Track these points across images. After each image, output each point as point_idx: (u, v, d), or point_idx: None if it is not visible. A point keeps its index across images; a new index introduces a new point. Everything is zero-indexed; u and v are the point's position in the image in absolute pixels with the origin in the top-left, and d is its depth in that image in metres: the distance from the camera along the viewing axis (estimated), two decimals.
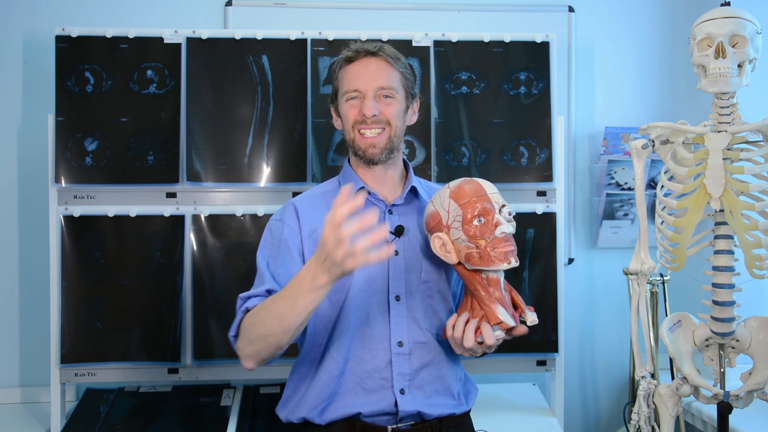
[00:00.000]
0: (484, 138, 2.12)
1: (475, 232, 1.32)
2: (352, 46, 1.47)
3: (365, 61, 1.44)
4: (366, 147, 1.44)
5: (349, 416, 1.41)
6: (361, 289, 1.42)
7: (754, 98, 1.69)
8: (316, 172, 2.06)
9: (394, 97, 1.45)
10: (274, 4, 2.34)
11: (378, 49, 1.44)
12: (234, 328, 1.38)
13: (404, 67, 1.48)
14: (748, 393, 1.53)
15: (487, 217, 1.32)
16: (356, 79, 1.43)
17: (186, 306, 2.02)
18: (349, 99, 1.45)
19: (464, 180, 1.39)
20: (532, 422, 2.08)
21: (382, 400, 1.40)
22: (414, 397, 1.42)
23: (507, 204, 1.37)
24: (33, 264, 2.26)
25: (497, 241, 1.31)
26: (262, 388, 2.18)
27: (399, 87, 1.46)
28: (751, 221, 1.44)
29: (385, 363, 1.41)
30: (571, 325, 2.44)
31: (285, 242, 1.44)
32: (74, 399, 2.18)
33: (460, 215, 1.33)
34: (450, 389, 1.47)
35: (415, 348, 1.43)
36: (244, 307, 1.37)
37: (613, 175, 2.38)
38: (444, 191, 1.39)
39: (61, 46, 2.01)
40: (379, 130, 1.43)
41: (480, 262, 1.32)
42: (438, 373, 1.45)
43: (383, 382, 1.41)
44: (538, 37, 2.14)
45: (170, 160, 2.03)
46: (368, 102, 1.42)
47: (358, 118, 1.43)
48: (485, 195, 1.35)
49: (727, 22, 1.43)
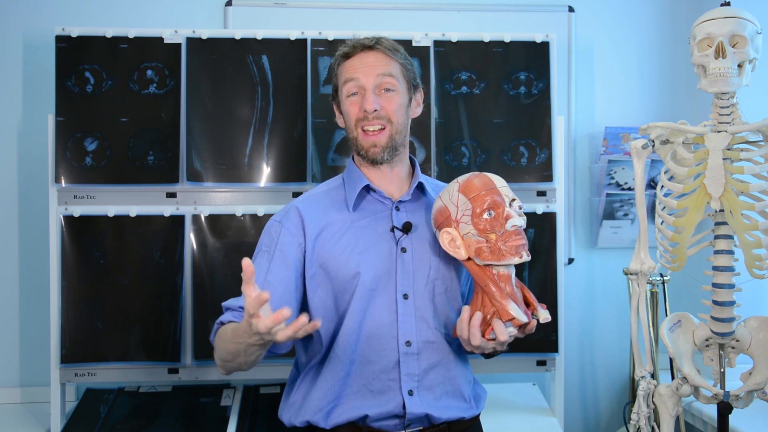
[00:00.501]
0: (484, 138, 2.12)
1: (486, 226, 1.29)
2: (349, 41, 1.44)
3: (362, 55, 1.41)
4: (368, 147, 1.41)
5: (355, 420, 1.37)
6: (368, 287, 1.38)
7: (754, 98, 1.69)
8: (316, 172, 2.06)
9: (395, 90, 1.41)
10: (274, 4, 2.34)
11: (375, 43, 1.41)
12: (212, 335, 1.38)
13: (404, 59, 1.45)
14: (748, 393, 1.53)
15: (497, 210, 1.30)
16: (355, 72, 1.40)
17: (186, 306, 2.02)
18: (349, 95, 1.42)
19: (473, 174, 1.37)
20: (532, 422, 2.08)
21: (390, 401, 1.37)
22: (423, 398, 1.38)
23: (517, 198, 1.34)
24: (33, 264, 2.26)
25: (508, 235, 1.29)
26: (262, 388, 2.18)
27: (399, 76, 1.43)
28: (751, 221, 1.44)
29: (393, 363, 1.37)
30: (571, 325, 2.44)
31: (281, 248, 1.41)
32: (74, 399, 2.18)
33: (469, 209, 1.31)
34: (461, 391, 1.44)
35: (423, 348, 1.39)
36: (219, 320, 1.36)
37: (613, 175, 2.38)
38: (452, 186, 1.36)
39: (61, 46, 2.01)
40: (380, 126, 1.40)
41: (491, 257, 1.28)
42: (448, 374, 1.42)
43: (390, 383, 1.37)
44: (538, 37, 2.14)
45: (170, 160, 2.03)
46: (369, 96, 1.39)
47: (360, 115, 1.41)
48: (495, 188, 1.33)
49: (727, 22, 1.43)
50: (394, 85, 1.41)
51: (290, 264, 1.40)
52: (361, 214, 1.44)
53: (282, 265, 1.39)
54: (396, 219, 1.44)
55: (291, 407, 1.45)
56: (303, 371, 1.46)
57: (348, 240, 1.41)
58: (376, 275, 1.39)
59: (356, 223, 1.43)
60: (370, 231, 1.42)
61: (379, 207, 1.46)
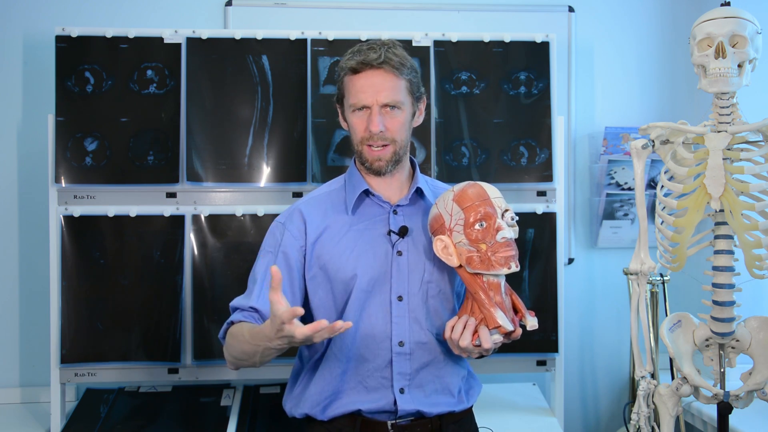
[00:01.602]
0: (484, 138, 2.12)
1: (477, 236, 1.33)
2: (356, 56, 1.42)
3: (370, 74, 1.41)
4: (373, 160, 1.45)
5: (350, 412, 1.43)
6: (364, 289, 1.43)
7: (754, 98, 1.69)
8: (316, 172, 2.06)
9: (400, 109, 1.43)
10: (274, 4, 2.34)
11: (383, 61, 1.40)
12: (222, 332, 1.43)
13: (410, 73, 1.45)
14: (748, 393, 1.53)
15: (489, 221, 1.34)
16: (362, 93, 1.41)
17: (186, 306, 2.02)
18: (355, 110, 1.44)
19: (468, 184, 1.40)
20: (532, 422, 2.09)
21: (382, 398, 1.42)
22: (413, 396, 1.43)
23: (510, 209, 1.38)
24: (33, 264, 2.26)
25: (498, 246, 1.33)
26: (262, 388, 2.18)
27: (405, 97, 1.44)
28: (751, 221, 1.44)
29: (386, 362, 1.43)
30: (571, 325, 2.44)
31: (284, 250, 1.45)
32: (74, 399, 2.18)
33: (462, 219, 1.35)
34: (449, 388, 1.48)
35: (416, 348, 1.44)
36: (229, 320, 1.41)
37: (613, 175, 2.38)
38: (448, 194, 1.40)
39: (61, 46, 2.01)
40: (384, 144, 1.44)
41: (480, 266, 1.33)
42: (438, 373, 1.47)
43: (383, 381, 1.43)
44: (538, 37, 2.14)
45: (170, 160, 2.03)
46: (374, 118, 1.41)
47: (365, 135, 1.43)
48: (488, 199, 1.36)
49: (727, 22, 1.43)
50: (400, 103, 1.43)
51: (293, 266, 1.45)
52: (360, 218, 1.48)
53: (285, 267, 1.44)
54: (393, 223, 1.47)
55: (292, 399, 1.51)
56: (305, 365, 1.51)
57: (346, 243, 1.45)
58: (372, 277, 1.43)
59: (355, 226, 1.47)
60: (368, 234, 1.46)
61: (377, 210, 1.49)
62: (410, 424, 1.43)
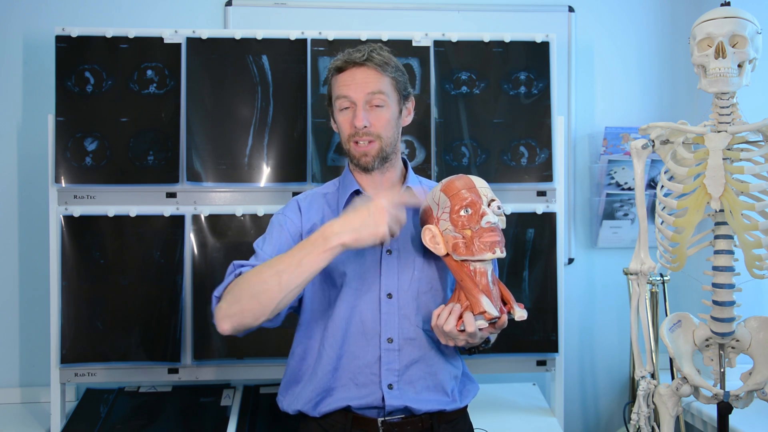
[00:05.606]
0: (484, 138, 2.12)
1: (462, 222, 1.35)
2: (342, 55, 1.48)
3: (354, 71, 1.46)
4: (359, 156, 1.48)
5: (341, 408, 1.45)
6: (353, 288, 1.45)
7: (754, 98, 1.69)
8: (316, 172, 2.06)
9: (384, 105, 1.46)
10: (274, 4, 2.34)
11: (366, 59, 1.45)
12: (220, 289, 1.38)
13: (394, 71, 1.49)
14: (748, 393, 1.53)
15: (474, 207, 1.35)
16: (344, 87, 1.46)
17: (186, 306, 2.02)
18: (341, 109, 1.48)
19: (457, 176, 1.43)
20: (532, 422, 2.09)
21: (370, 394, 1.44)
22: (402, 392, 1.44)
23: (497, 199, 1.40)
24: (33, 264, 2.26)
25: (483, 231, 1.34)
26: (262, 388, 2.18)
27: (390, 91, 1.47)
28: (751, 221, 1.44)
29: (375, 358, 1.44)
30: (571, 325, 2.44)
31: (285, 229, 1.49)
32: (74, 399, 2.18)
33: (448, 206, 1.37)
34: (442, 386, 1.49)
35: (405, 344, 1.45)
36: (238, 271, 1.38)
37: (613, 175, 2.38)
38: (437, 186, 1.43)
39: (61, 46, 2.01)
40: (369, 140, 1.46)
41: (466, 252, 1.34)
42: (429, 369, 1.47)
43: (372, 377, 1.44)
44: (538, 37, 2.14)
45: (170, 160, 2.03)
46: (359, 114, 1.44)
47: (351, 131, 1.47)
48: (474, 188, 1.39)
49: (727, 22, 1.43)
50: (384, 100, 1.46)
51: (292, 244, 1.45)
52: None
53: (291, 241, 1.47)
54: None
55: (285, 396, 1.53)
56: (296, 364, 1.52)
57: None
58: (361, 276, 1.46)
59: None
60: None
61: None
62: (401, 422, 1.44)
